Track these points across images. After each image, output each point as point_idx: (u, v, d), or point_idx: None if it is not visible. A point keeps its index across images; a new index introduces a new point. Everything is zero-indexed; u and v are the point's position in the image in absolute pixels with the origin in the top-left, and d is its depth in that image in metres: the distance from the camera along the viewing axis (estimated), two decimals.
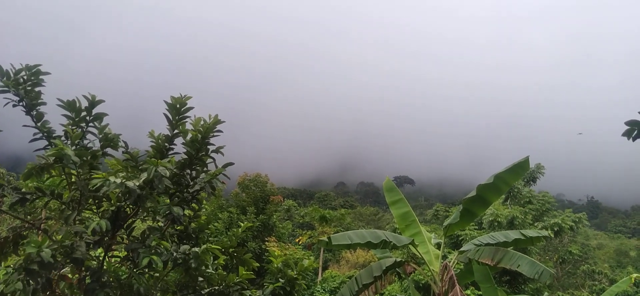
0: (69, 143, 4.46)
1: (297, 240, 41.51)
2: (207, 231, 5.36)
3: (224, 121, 4.94)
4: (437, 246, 12.36)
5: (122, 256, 4.86)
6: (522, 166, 10.37)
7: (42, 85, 4.55)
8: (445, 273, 10.58)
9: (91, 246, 4.28)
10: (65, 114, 4.60)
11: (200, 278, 4.97)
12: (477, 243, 11.43)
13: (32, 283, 3.66)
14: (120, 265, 4.79)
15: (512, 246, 11.42)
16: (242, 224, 5.81)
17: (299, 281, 5.33)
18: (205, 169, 5.02)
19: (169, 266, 4.50)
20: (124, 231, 4.70)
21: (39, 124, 4.50)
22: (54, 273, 4.07)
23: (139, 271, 4.47)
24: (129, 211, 4.66)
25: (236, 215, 29.66)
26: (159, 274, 4.75)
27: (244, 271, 5.11)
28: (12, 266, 3.66)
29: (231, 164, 5.04)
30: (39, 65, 4.50)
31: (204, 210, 5.46)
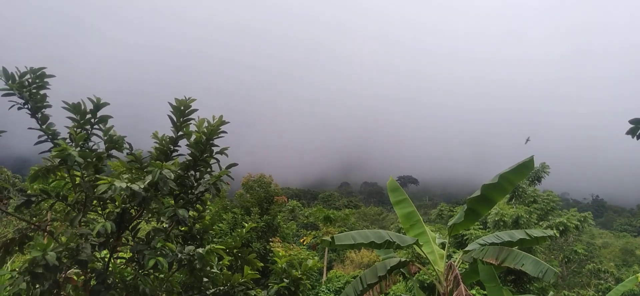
0: (73, 145, 4.47)
1: (301, 240, 41.48)
2: (212, 232, 5.38)
3: (229, 122, 4.94)
4: (442, 246, 12.34)
5: (127, 257, 4.88)
6: (527, 165, 10.34)
7: (47, 88, 4.56)
8: (449, 272, 10.56)
9: (96, 248, 4.30)
10: (70, 117, 4.62)
11: (205, 279, 4.98)
12: (482, 243, 11.41)
13: (38, 285, 3.68)
14: (125, 266, 4.80)
15: (517, 246, 11.39)
16: (247, 224, 5.82)
17: (304, 281, 5.32)
18: (209, 170, 5.02)
19: (174, 267, 4.52)
20: (129, 232, 4.71)
21: (44, 126, 4.51)
22: (60, 275, 4.08)
23: (145, 272, 4.49)
24: (133, 212, 4.67)
25: (240, 216, 29.70)
26: (164, 275, 4.76)
27: (249, 271, 5.12)
28: (18, 269, 3.67)
29: (235, 165, 5.04)
30: (43, 68, 4.50)
31: (208, 211, 5.47)
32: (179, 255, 4.36)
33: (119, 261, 4.89)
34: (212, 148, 4.93)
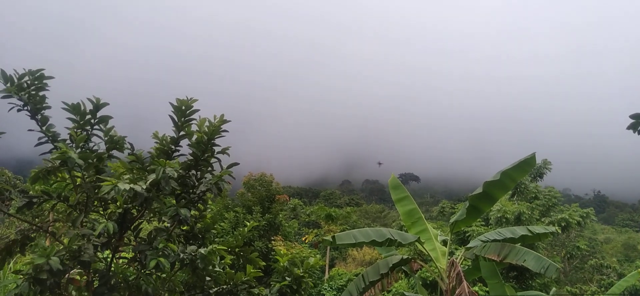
0: (74, 146, 4.47)
1: (303, 239, 41.55)
2: (214, 231, 5.37)
3: (230, 121, 4.93)
4: (444, 243, 12.35)
5: (129, 257, 4.88)
6: (529, 162, 10.34)
7: (46, 89, 4.54)
8: (452, 269, 10.57)
9: (99, 249, 4.30)
10: (70, 118, 4.61)
11: (207, 278, 4.98)
12: (484, 239, 11.41)
13: (40, 288, 3.67)
14: (128, 267, 4.80)
15: (519, 243, 11.39)
16: (248, 223, 5.82)
17: (306, 279, 5.32)
18: (210, 169, 5.02)
19: (176, 266, 4.52)
20: (131, 232, 4.71)
21: (44, 128, 4.51)
22: (63, 277, 4.08)
23: (147, 272, 4.49)
24: (135, 213, 4.67)
25: (242, 215, 29.74)
26: (166, 275, 4.76)
27: (252, 270, 5.11)
28: (22, 275, 3.66)
29: (236, 164, 5.04)
30: (42, 69, 4.48)
31: (210, 210, 5.46)
32: (181, 255, 4.36)
33: (121, 261, 4.89)
34: (214, 148, 4.93)
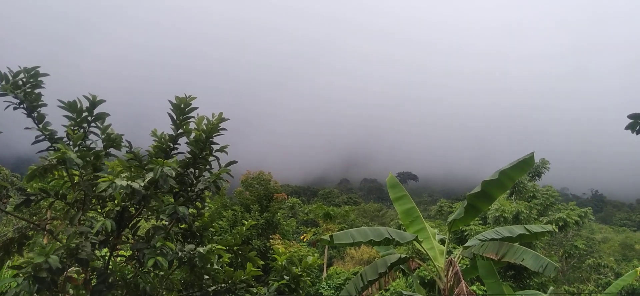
0: (71, 144, 4.45)
1: (301, 237, 41.55)
2: (211, 229, 5.37)
3: (228, 119, 4.92)
4: (442, 242, 12.36)
5: (127, 255, 4.87)
6: (527, 162, 10.35)
7: (42, 86, 4.51)
8: (450, 268, 10.58)
9: (97, 247, 4.29)
10: (66, 115, 4.59)
11: (205, 276, 4.97)
12: (482, 239, 11.42)
13: (38, 286, 3.66)
14: (125, 265, 4.80)
15: (517, 241, 11.41)
16: (246, 222, 5.81)
17: (304, 278, 5.32)
18: (208, 168, 5.02)
19: (174, 264, 4.51)
20: (129, 230, 4.70)
21: (40, 125, 4.49)
22: (61, 276, 4.07)
23: (145, 270, 4.48)
24: (133, 211, 4.66)
25: (240, 213, 29.71)
26: (164, 273, 4.76)
27: (252, 268, 5.11)
28: (21, 273, 3.65)
29: (234, 162, 5.03)
30: (37, 67, 4.46)
31: (208, 208, 5.45)
32: (180, 253, 4.35)
33: (119, 259, 4.88)
34: (212, 146, 4.92)
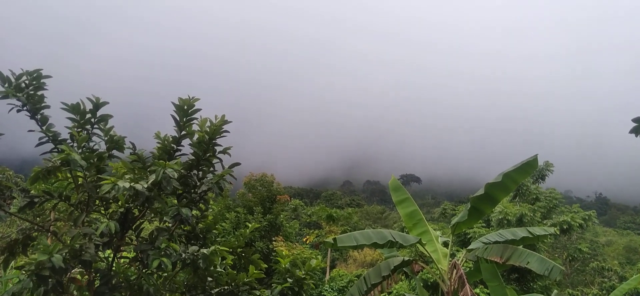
0: (75, 146, 4.46)
1: (304, 239, 41.53)
2: (215, 231, 5.36)
3: (231, 121, 4.93)
4: (445, 244, 12.32)
5: (131, 257, 4.88)
6: (531, 164, 10.30)
7: (44, 88, 4.52)
8: (454, 271, 10.54)
9: (100, 248, 4.29)
10: (70, 117, 4.60)
11: (209, 278, 4.97)
12: (485, 241, 11.37)
13: (42, 286, 3.67)
14: (129, 266, 4.80)
15: (520, 244, 11.36)
16: (250, 224, 5.81)
17: (307, 281, 5.31)
18: (212, 169, 5.02)
19: (177, 266, 4.51)
20: (132, 232, 4.70)
21: (44, 127, 4.50)
22: (64, 276, 4.08)
23: (148, 272, 4.48)
24: (136, 212, 4.66)
25: (243, 215, 29.73)
26: (167, 275, 4.75)
27: (255, 271, 5.11)
28: (24, 271, 3.65)
29: (238, 164, 5.03)
30: (40, 69, 4.48)
31: (211, 210, 5.45)
32: (183, 255, 4.35)
33: (122, 261, 4.88)
34: (215, 148, 4.93)
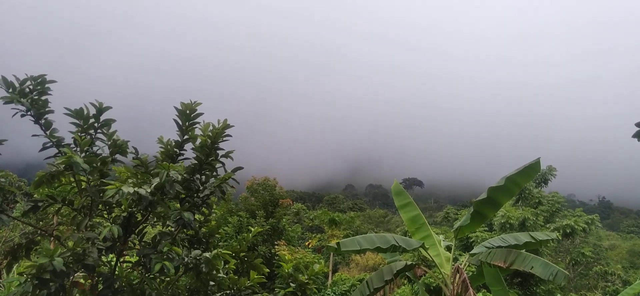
0: (78, 151, 4.47)
1: (306, 243, 41.46)
2: (217, 235, 5.37)
3: (233, 125, 4.94)
4: (448, 248, 12.29)
5: (133, 261, 4.88)
6: (533, 167, 10.28)
7: (49, 93, 4.55)
8: (457, 276, 10.51)
9: (103, 252, 4.30)
10: (73, 122, 4.62)
11: (211, 283, 4.97)
12: (488, 246, 11.34)
13: (44, 290, 3.67)
14: (132, 270, 4.80)
15: (523, 249, 11.32)
16: (253, 228, 5.81)
17: (310, 285, 5.31)
18: (214, 173, 5.02)
19: (180, 270, 4.51)
20: (135, 236, 4.71)
21: (48, 132, 4.52)
22: (67, 280, 4.08)
23: (151, 276, 4.48)
24: (139, 216, 4.67)
25: (246, 219, 29.73)
26: (169, 279, 4.76)
27: (256, 276, 5.11)
28: (26, 275, 3.66)
29: (240, 168, 5.04)
30: (44, 74, 4.51)
31: (214, 214, 5.46)
32: (186, 259, 4.35)
33: (125, 265, 4.89)
34: (218, 152, 4.93)
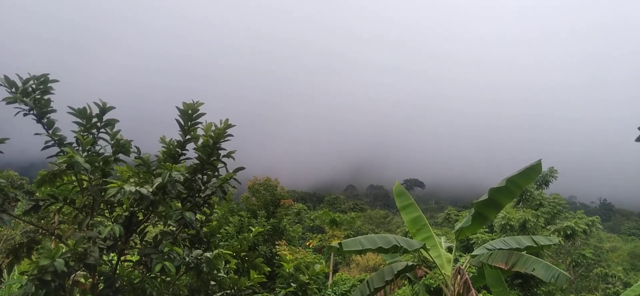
0: (80, 150, 4.48)
1: (307, 244, 41.47)
2: (219, 235, 5.37)
3: (235, 125, 4.94)
4: (449, 249, 12.28)
5: (134, 260, 4.88)
6: (535, 169, 10.27)
7: (51, 93, 4.56)
8: (458, 277, 10.51)
9: (104, 251, 4.30)
10: (76, 121, 4.63)
11: (212, 282, 4.97)
12: (490, 248, 11.34)
13: (45, 290, 3.67)
14: (133, 270, 4.81)
15: (524, 252, 11.32)
16: (253, 228, 5.82)
17: (311, 285, 5.31)
18: (216, 173, 5.03)
19: (181, 270, 4.51)
20: (137, 235, 4.72)
21: (50, 131, 4.53)
22: (67, 279, 4.08)
23: (152, 275, 4.49)
24: (141, 216, 4.67)
25: (247, 219, 29.76)
26: (170, 278, 4.76)
27: (256, 275, 5.11)
28: (27, 276, 3.66)
29: (242, 168, 5.04)
30: (47, 74, 4.52)
31: (216, 214, 5.46)
32: (187, 259, 4.36)
33: (126, 264, 4.89)
34: (219, 152, 4.93)
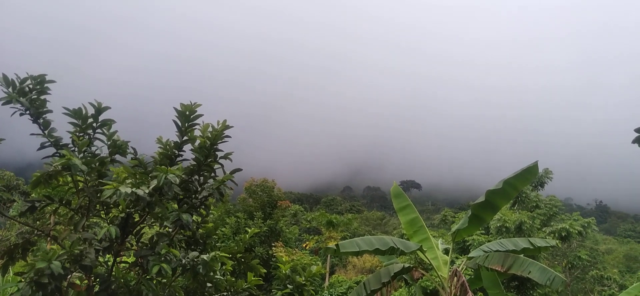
0: (76, 151, 4.46)
1: (304, 245, 41.44)
2: (215, 236, 5.35)
3: (232, 126, 4.93)
4: (445, 251, 12.29)
5: (130, 261, 4.86)
6: (531, 171, 10.29)
7: (48, 93, 4.54)
8: (455, 279, 10.51)
9: (100, 253, 4.28)
10: (72, 122, 4.60)
11: (208, 284, 4.95)
12: (486, 250, 11.35)
13: (41, 292, 3.65)
14: (128, 271, 4.78)
15: (521, 254, 11.34)
16: (250, 230, 5.80)
17: (308, 287, 5.30)
18: (213, 175, 5.01)
19: (177, 271, 4.49)
20: (133, 237, 4.69)
21: (46, 132, 4.50)
22: (63, 281, 4.06)
23: (148, 277, 4.47)
24: (137, 217, 4.65)
25: (243, 220, 29.70)
26: (166, 280, 4.74)
27: (253, 277, 5.10)
28: (23, 279, 3.64)
29: (239, 170, 5.03)
30: (44, 74, 4.50)
31: (212, 216, 5.44)
32: (183, 261, 4.34)
33: (122, 265, 4.87)
34: (216, 153, 4.92)
